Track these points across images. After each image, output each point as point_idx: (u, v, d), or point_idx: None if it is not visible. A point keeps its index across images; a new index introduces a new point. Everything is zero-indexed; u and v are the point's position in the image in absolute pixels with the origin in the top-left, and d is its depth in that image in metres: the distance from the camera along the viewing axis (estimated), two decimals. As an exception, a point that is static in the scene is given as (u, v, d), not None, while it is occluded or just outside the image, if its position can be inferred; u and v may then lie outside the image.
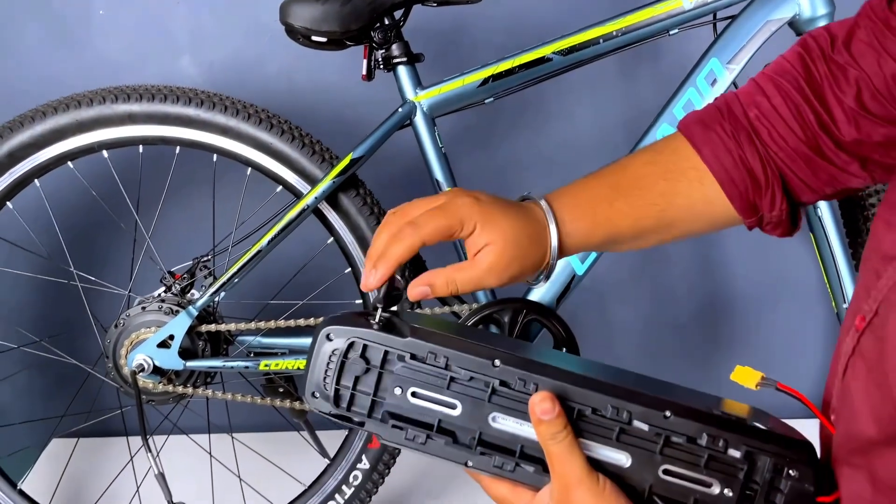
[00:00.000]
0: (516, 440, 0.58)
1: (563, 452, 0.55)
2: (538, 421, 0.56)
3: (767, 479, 0.56)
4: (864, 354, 0.54)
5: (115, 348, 1.15)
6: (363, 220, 1.16)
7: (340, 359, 0.59)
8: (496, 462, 0.57)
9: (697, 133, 0.67)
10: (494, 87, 1.14)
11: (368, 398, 0.58)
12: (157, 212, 1.27)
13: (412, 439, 0.58)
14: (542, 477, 0.57)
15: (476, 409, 0.58)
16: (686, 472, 0.56)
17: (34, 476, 1.47)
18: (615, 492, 0.55)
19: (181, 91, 1.14)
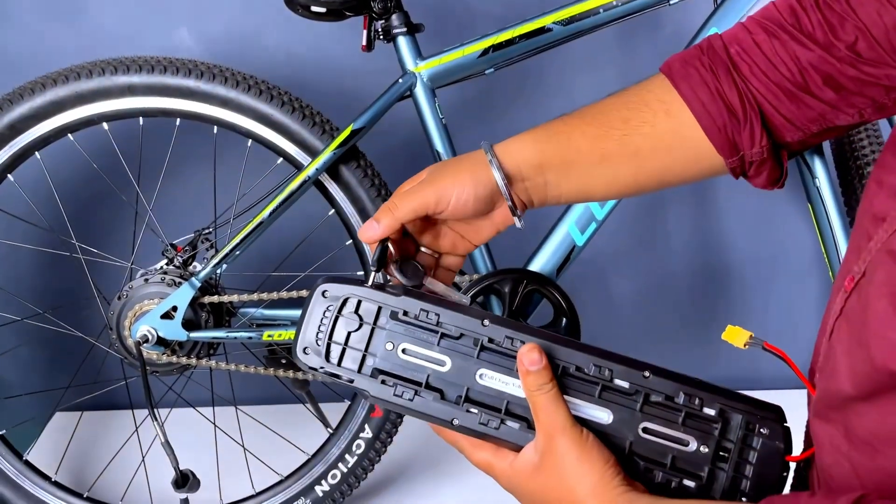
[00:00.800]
0: (502, 397, 0.60)
1: (548, 403, 0.57)
2: (525, 372, 0.57)
3: (741, 437, 0.59)
4: (848, 316, 0.55)
5: (119, 320, 1.16)
6: (364, 192, 1.16)
7: (335, 314, 0.61)
8: (482, 419, 0.59)
9: (675, 68, 0.65)
10: (495, 58, 1.13)
11: (360, 353, 0.60)
12: (158, 184, 1.27)
13: (400, 395, 0.59)
14: (525, 434, 0.59)
15: (465, 365, 0.60)
16: (664, 430, 0.59)
17: (39, 448, 1.48)
18: (597, 444, 0.57)
19: (181, 63, 1.13)
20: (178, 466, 1.08)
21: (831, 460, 0.52)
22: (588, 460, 0.56)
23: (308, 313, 0.61)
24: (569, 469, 0.56)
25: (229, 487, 1.28)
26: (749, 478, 0.59)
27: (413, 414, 0.60)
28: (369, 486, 1.36)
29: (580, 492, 0.56)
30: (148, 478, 1.29)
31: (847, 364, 0.54)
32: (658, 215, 1.57)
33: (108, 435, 1.49)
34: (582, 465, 0.56)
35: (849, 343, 0.54)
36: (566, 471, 0.56)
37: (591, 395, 0.59)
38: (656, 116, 0.65)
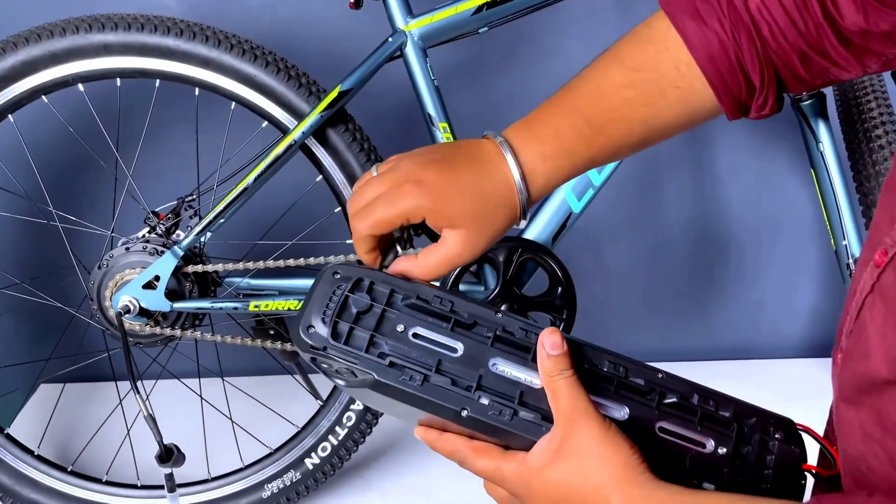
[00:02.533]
0: (516, 387, 0.56)
1: (569, 387, 0.54)
2: (546, 356, 0.54)
3: (757, 440, 0.57)
4: (884, 292, 0.51)
5: (100, 290, 1.12)
6: (353, 157, 1.12)
7: (345, 293, 0.57)
8: (493, 409, 0.55)
9: (691, 28, 0.61)
10: (489, 16, 1.09)
11: (368, 334, 0.56)
12: (138, 149, 1.23)
13: (409, 378, 0.55)
14: (539, 426, 0.55)
15: (477, 352, 0.57)
16: (681, 430, 0.57)
17: (22, 421, 1.46)
18: (620, 431, 0.54)
19: (159, 20, 1.08)
20: (161, 441, 1.05)
21: (864, 448, 0.49)
22: (613, 444, 0.53)
23: (315, 292, 0.58)
24: (592, 453, 0.53)
25: (217, 461, 1.25)
26: (769, 481, 0.56)
27: (417, 403, 0.55)
28: (360, 459, 1.34)
29: (604, 477, 0.52)
30: (133, 451, 1.27)
31: (882, 346, 0.50)
32: (656, 182, 1.54)
33: (93, 407, 1.46)
34: (606, 448, 0.52)
35: (884, 323, 0.50)
36: (589, 456, 0.53)
37: (607, 390, 0.56)
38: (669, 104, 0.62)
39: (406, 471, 1.35)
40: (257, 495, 1.22)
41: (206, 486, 1.23)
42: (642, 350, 1.23)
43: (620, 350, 0.59)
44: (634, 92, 0.62)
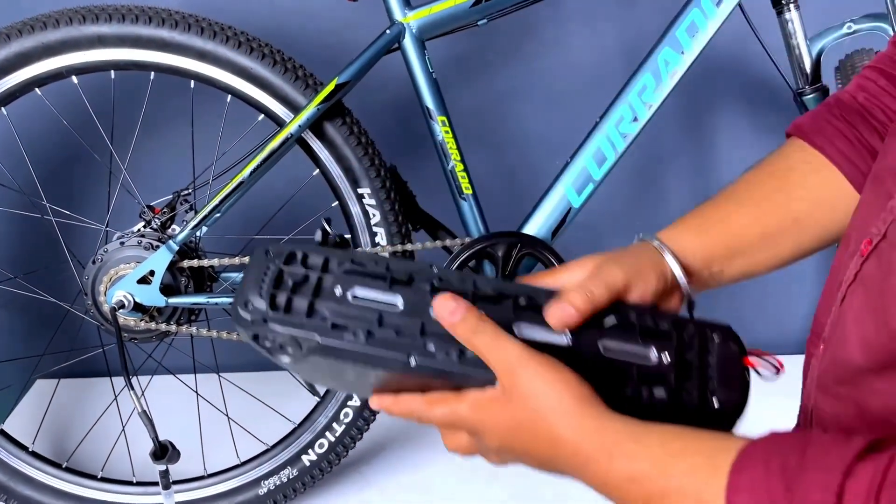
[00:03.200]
0: None
1: (490, 341, 0.52)
2: (451, 325, 0.53)
3: (697, 343, 0.59)
4: (865, 281, 0.52)
5: (94, 285, 1.10)
6: (350, 150, 1.11)
7: (279, 267, 0.57)
8: (440, 353, 0.54)
9: (806, 126, 0.65)
10: (488, 8, 1.07)
11: (306, 301, 0.56)
12: (132, 142, 1.21)
13: (353, 336, 0.55)
14: (487, 371, 0.54)
15: (418, 303, 0.57)
16: (624, 346, 0.58)
17: (17, 417, 1.45)
18: (562, 364, 0.52)
19: (154, 11, 1.07)
20: (156, 437, 1.03)
21: None
22: (560, 380, 0.51)
23: (250, 271, 0.58)
24: (540, 396, 0.51)
25: (213, 457, 1.24)
26: (716, 380, 0.57)
27: (365, 360, 0.54)
28: (358, 455, 1.33)
29: (557, 414, 0.50)
30: (129, 447, 1.25)
31: (858, 333, 0.50)
32: (656, 177, 1.53)
33: (88, 403, 1.45)
34: (554, 386, 0.51)
35: (862, 310, 0.51)
36: (538, 399, 0.51)
37: (544, 321, 0.57)
38: (805, 178, 0.64)
39: (404, 467, 1.34)
40: (253, 492, 1.21)
41: (201, 483, 1.22)
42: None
43: None
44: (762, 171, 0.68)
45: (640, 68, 1.10)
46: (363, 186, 1.12)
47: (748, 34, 1.14)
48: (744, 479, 0.43)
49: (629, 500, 0.48)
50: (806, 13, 1.13)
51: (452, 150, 1.12)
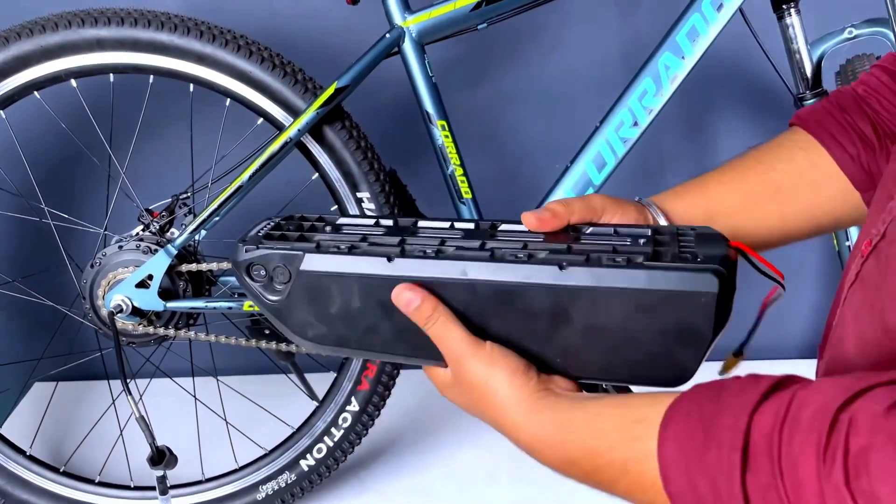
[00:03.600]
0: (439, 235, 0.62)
1: (442, 332, 0.57)
2: (408, 313, 0.57)
3: (675, 232, 0.60)
4: (864, 279, 0.53)
5: (92, 288, 1.10)
6: (349, 155, 1.11)
7: (278, 220, 0.64)
8: (420, 250, 0.58)
9: (803, 114, 0.67)
10: (488, 12, 1.07)
11: (297, 233, 0.61)
12: (131, 146, 1.21)
13: (336, 248, 0.58)
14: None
15: (402, 227, 0.63)
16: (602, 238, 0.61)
17: (14, 420, 1.44)
18: (502, 355, 0.57)
19: (153, 15, 1.06)
20: (153, 442, 1.03)
21: None
22: (495, 377, 0.56)
23: (253, 226, 0.64)
24: (482, 387, 0.57)
25: (211, 461, 1.24)
26: (694, 248, 0.57)
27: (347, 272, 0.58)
28: (356, 460, 1.33)
29: (497, 401, 0.56)
30: (126, 451, 1.25)
31: (855, 330, 0.51)
32: (657, 181, 1.52)
33: (86, 406, 1.44)
34: (491, 381, 0.56)
35: (859, 307, 0.52)
36: (480, 389, 0.57)
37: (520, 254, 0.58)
38: (791, 152, 0.66)
39: (403, 472, 1.33)
40: (251, 497, 1.21)
41: (199, 488, 1.21)
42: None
43: None
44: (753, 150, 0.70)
45: (640, 73, 1.10)
46: (362, 191, 1.12)
47: (749, 39, 1.14)
48: (670, 430, 0.47)
49: (573, 477, 0.54)
50: (807, 18, 1.13)
51: (452, 154, 1.11)
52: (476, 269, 0.56)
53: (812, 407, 0.42)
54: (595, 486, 0.52)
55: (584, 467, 0.52)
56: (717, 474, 0.43)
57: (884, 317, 0.47)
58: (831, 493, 0.39)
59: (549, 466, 0.55)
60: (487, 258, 0.56)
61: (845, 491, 0.38)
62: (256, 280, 0.60)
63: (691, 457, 0.45)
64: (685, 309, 0.53)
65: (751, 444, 0.43)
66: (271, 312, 0.61)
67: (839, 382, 0.43)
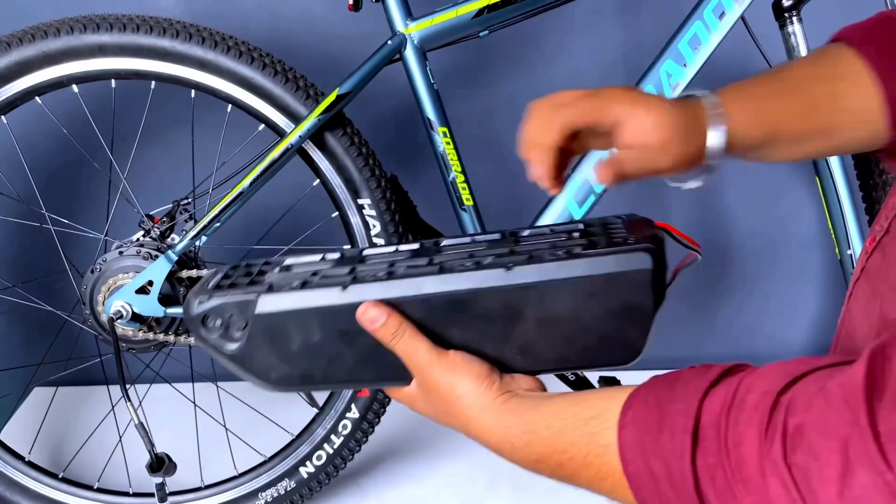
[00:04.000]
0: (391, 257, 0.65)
1: (407, 347, 0.59)
2: (374, 331, 0.58)
3: (604, 223, 0.64)
4: (869, 273, 0.54)
5: (92, 294, 1.10)
6: (350, 161, 1.10)
7: (226, 271, 0.65)
8: (371, 275, 0.60)
9: (856, 34, 0.63)
10: (490, 19, 1.07)
11: (248, 279, 0.62)
12: (132, 151, 1.21)
13: (289, 286, 0.59)
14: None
15: (352, 257, 0.65)
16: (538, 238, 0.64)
17: (14, 425, 1.44)
18: (465, 362, 0.59)
19: (155, 21, 1.06)
20: (152, 449, 1.03)
21: None
22: (460, 384, 0.58)
23: (202, 280, 0.64)
24: (448, 395, 0.59)
25: (210, 468, 1.23)
26: (624, 233, 0.60)
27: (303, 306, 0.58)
28: (356, 467, 1.32)
29: (463, 408, 0.58)
30: (125, 458, 1.25)
31: (863, 322, 0.53)
32: (658, 189, 1.52)
33: (86, 411, 1.44)
34: (457, 388, 0.58)
35: (866, 301, 0.53)
36: (447, 397, 0.59)
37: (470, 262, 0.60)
38: (857, 90, 0.62)
39: (402, 480, 1.33)
40: (251, 504, 1.21)
41: (198, 494, 1.21)
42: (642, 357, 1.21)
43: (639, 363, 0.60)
44: (818, 69, 0.64)
45: (641, 80, 1.10)
46: (363, 197, 1.12)
47: (751, 47, 1.14)
48: (629, 416, 0.50)
49: (542, 474, 0.56)
50: (808, 26, 1.13)
51: (453, 161, 1.11)
52: (429, 284, 0.58)
53: (757, 391, 0.45)
54: (562, 480, 0.56)
55: (550, 464, 0.55)
56: (670, 455, 0.47)
57: (882, 308, 0.49)
58: (770, 468, 0.42)
59: (519, 465, 0.58)
60: (437, 272, 0.59)
61: (783, 465, 0.41)
62: (213, 331, 0.60)
63: (647, 440, 0.48)
64: (625, 289, 0.57)
65: (700, 426, 0.46)
66: (232, 361, 0.61)
67: (782, 367, 0.46)
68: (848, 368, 0.42)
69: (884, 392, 0.40)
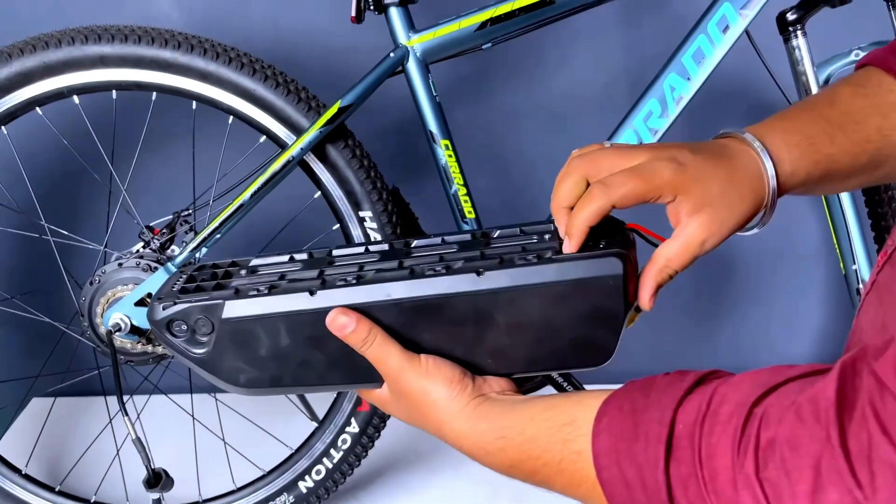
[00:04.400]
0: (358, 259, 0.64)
1: (378, 353, 0.58)
2: (344, 337, 0.58)
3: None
4: (879, 288, 0.54)
5: (91, 306, 1.09)
6: (352, 173, 1.10)
7: (191, 272, 0.64)
8: (341, 279, 0.59)
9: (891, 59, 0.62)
10: (493, 32, 1.06)
11: (213, 282, 0.61)
12: (133, 162, 1.20)
13: (256, 291, 0.58)
14: None
15: (318, 259, 0.64)
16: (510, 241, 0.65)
17: (11, 436, 1.43)
18: (437, 367, 0.58)
19: (157, 32, 1.06)
20: (149, 465, 1.02)
21: None
22: (432, 389, 0.58)
23: (165, 282, 0.63)
24: (421, 400, 0.58)
25: (209, 482, 1.22)
26: (596, 236, 0.59)
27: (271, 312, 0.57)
28: (356, 481, 1.31)
29: (437, 414, 0.58)
30: (123, 471, 1.23)
31: (870, 337, 0.53)
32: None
33: (84, 423, 1.43)
34: (430, 393, 0.58)
35: (874, 313, 0.53)
36: (420, 402, 0.58)
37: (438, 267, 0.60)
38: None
39: (402, 495, 1.31)
40: (249, 519, 1.19)
41: (196, 509, 1.20)
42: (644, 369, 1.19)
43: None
44: (867, 101, 0.62)
45: (645, 94, 1.09)
46: (365, 210, 1.11)
47: (755, 60, 1.13)
48: (603, 423, 0.50)
49: (517, 478, 0.57)
50: (813, 40, 1.12)
51: (455, 174, 1.11)
52: (399, 289, 0.58)
53: (731, 402, 0.45)
54: (537, 485, 0.56)
55: (524, 469, 0.55)
56: (644, 463, 0.47)
57: (885, 320, 0.50)
58: (742, 482, 0.42)
59: (493, 470, 0.58)
60: (408, 276, 0.58)
61: (755, 480, 0.42)
62: (178, 336, 0.59)
63: (621, 447, 0.49)
64: (596, 293, 0.57)
65: (675, 436, 0.47)
66: (199, 365, 0.60)
67: (756, 378, 0.46)
68: (820, 381, 0.43)
69: (853, 409, 0.40)
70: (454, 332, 0.58)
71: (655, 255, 0.60)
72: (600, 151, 0.61)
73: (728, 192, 0.58)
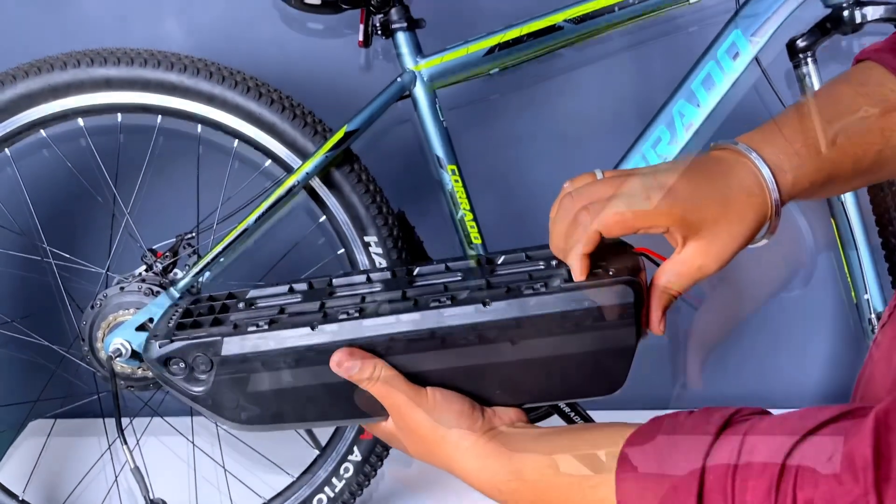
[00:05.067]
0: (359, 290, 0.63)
1: (384, 388, 0.56)
2: (349, 377, 0.56)
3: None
4: (894, 320, 0.53)
5: (92, 331, 1.08)
6: (357, 198, 1.09)
7: (187, 305, 0.62)
8: (343, 312, 0.57)
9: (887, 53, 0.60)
10: (501, 57, 1.06)
11: (211, 317, 0.59)
12: (137, 185, 1.19)
13: (256, 327, 0.56)
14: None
15: (318, 291, 0.62)
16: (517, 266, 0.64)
17: (9, 461, 1.41)
18: (446, 400, 0.56)
19: (163, 55, 1.06)
20: (148, 495, 1.00)
21: None
22: (442, 422, 0.56)
23: (160, 317, 0.62)
24: (430, 435, 0.56)
25: (208, 510, 1.20)
26: (604, 262, 0.58)
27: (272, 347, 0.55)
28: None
29: (447, 450, 0.56)
30: (121, 499, 1.21)
31: (886, 372, 0.51)
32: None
33: (83, 446, 1.41)
34: (438, 428, 0.56)
35: (888, 348, 0.52)
36: (429, 438, 0.56)
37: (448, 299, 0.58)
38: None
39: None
40: (249, 548, 1.17)
41: (195, 538, 1.18)
42: (650, 396, 1.18)
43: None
44: (868, 100, 0.59)
45: (654, 120, 1.08)
46: (370, 234, 1.10)
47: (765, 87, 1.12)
48: (627, 471, 0.48)
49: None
50: (823, 66, 1.11)
51: (462, 199, 1.09)
52: (403, 323, 0.56)
53: (762, 453, 0.44)
54: None
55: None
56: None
57: (890, 358, 0.49)
58: None
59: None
60: (412, 308, 0.56)
61: None
62: (176, 374, 0.57)
63: (648, 497, 0.47)
64: (608, 322, 0.55)
65: (705, 489, 0.45)
66: (199, 404, 0.58)
67: (786, 424, 0.45)
68: (854, 431, 0.42)
69: (889, 469, 0.40)
70: (461, 364, 0.57)
71: (655, 278, 0.59)
72: (591, 186, 0.59)
73: (725, 215, 0.56)
